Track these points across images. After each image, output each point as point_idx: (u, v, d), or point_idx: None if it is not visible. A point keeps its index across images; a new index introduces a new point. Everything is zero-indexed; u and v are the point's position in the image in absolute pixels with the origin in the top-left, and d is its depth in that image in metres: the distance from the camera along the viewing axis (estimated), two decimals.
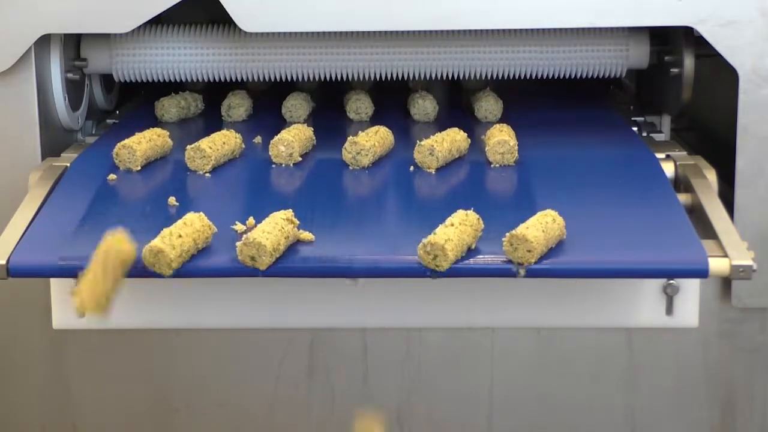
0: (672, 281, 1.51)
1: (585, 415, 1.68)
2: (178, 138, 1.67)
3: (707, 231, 1.40)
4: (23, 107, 1.63)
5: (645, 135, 1.80)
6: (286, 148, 1.58)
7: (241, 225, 1.37)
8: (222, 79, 1.85)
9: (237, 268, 1.32)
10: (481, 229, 1.33)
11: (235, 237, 1.34)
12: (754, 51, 1.58)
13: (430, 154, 1.55)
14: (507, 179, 1.54)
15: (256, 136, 1.71)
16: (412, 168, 1.56)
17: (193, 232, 1.30)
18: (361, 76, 1.84)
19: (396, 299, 1.53)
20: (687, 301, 1.52)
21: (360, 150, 1.56)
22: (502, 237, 1.30)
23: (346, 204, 1.49)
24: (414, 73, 1.83)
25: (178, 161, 1.59)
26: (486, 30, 1.80)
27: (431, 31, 1.79)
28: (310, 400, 1.68)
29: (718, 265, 1.31)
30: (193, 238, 1.30)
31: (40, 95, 1.65)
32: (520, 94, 2.01)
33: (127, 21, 1.62)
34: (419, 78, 1.85)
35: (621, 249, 1.35)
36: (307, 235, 1.34)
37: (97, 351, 1.67)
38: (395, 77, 1.84)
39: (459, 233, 1.29)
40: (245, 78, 1.85)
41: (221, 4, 1.60)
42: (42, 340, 1.66)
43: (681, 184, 1.57)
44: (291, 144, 1.58)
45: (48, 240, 1.37)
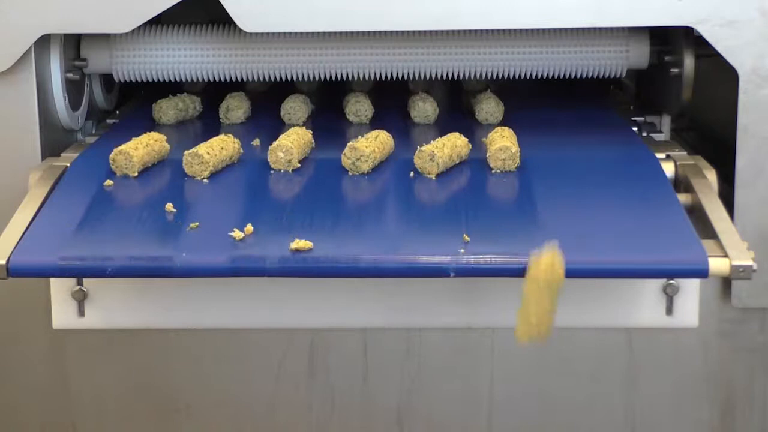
0: (672, 281, 1.51)
1: (585, 415, 1.68)
2: (176, 141, 1.66)
3: (707, 231, 1.40)
4: (23, 107, 1.63)
5: (645, 135, 1.80)
6: (284, 154, 1.56)
7: (239, 232, 1.35)
8: (222, 79, 1.85)
9: (237, 268, 1.32)
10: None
11: (234, 243, 1.34)
12: (754, 51, 1.58)
13: (430, 159, 1.53)
14: (508, 185, 1.52)
15: (254, 138, 1.70)
16: (412, 174, 1.54)
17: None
18: (361, 76, 1.83)
19: (396, 299, 1.53)
20: (687, 301, 1.52)
21: (360, 156, 1.54)
22: (502, 241, 1.32)
23: (345, 211, 1.46)
24: (414, 74, 1.83)
25: (175, 165, 1.57)
26: (486, 30, 1.80)
27: (431, 31, 1.79)
28: (310, 400, 1.68)
29: (718, 265, 1.31)
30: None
31: (40, 95, 1.64)
32: (520, 94, 2.01)
33: (127, 21, 1.61)
34: (419, 78, 1.84)
35: (621, 249, 1.35)
36: (306, 244, 1.33)
37: (97, 351, 1.67)
38: (395, 77, 1.83)
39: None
40: (245, 78, 1.84)
41: (221, 4, 1.60)
42: (42, 340, 1.66)
43: (681, 184, 1.57)
44: (290, 150, 1.56)
45: (48, 240, 1.37)
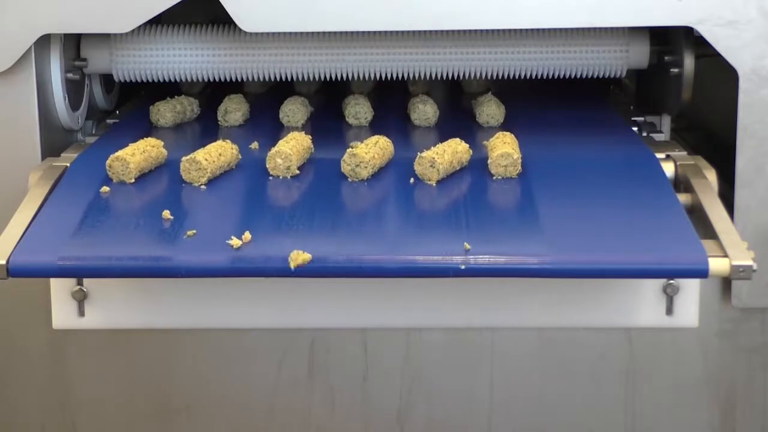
0: (672, 281, 1.51)
1: (585, 415, 1.68)
2: (173, 144, 1.66)
3: (707, 231, 1.40)
4: (23, 107, 1.63)
5: (645, 135, 1.80)
6: (283, 160, 1.54)
7: (237, 240, 1.34)
8: (222, 79, 1.85)
9: (237, 268, 1.32)
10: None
11: (232, 249, 1.33)
12: (754, 51, 1.58)
13: (431, 166, 1.51)
14: (509, 191, 1.51)
15: (252, 141, 1.69)
16: (412, 180, 1.52)
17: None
18: (361, 76, 1.83)
19: (396, 299, 1.53)
20: (687, 301, 1.52)
21: (359, 162, 1.52)
22: (502, 246, 1.33)
23: (344, 218, 1.44)
24: (414, 74, 1.83)
25: (173, 171, 1.55)
26: (486, 30, 1.80)
27: (431, 31, 1.79)
28: (310, 400, 1.68)
29: (718, 265, 1.31)
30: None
31: (40, 95, 1.64)
32: (520, 95, 2.01)
33: (127, 21, 1.61)
34: (419, 78, 1.84)
35: (621, 249, 1.35)
36: (305, 256, 1.31)
37: (97, 351, 1.67)
38: (395, 77, 1.83)
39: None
40: (246, 78, 1.84)
41: (221, 4, 1.60)
42: (42, 340, 1.66)
43: (681, 184, 1.57)
44: (289, 157, 1.54)
45: (48, 240, 1.37)
